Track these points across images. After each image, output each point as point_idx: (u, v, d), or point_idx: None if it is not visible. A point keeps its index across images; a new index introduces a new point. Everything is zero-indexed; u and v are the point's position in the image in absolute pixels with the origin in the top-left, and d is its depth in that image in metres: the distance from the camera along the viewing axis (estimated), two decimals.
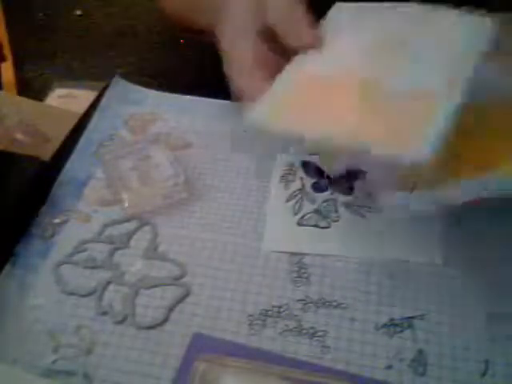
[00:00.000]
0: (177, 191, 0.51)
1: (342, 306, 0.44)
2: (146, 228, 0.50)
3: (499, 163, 0.40)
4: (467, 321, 0.43)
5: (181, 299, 0.45)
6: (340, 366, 0.41)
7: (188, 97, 0.62)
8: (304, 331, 0.43)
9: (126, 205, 0.51)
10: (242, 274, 0.46)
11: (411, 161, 0.35)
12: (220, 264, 0.47)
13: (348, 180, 0.53)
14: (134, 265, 0.47)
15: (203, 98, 0.62)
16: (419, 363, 0.41)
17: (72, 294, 0.45)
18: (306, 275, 0.46)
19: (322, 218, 0.50)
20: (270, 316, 0.44)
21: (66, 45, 0.73)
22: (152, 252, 0.48)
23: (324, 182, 0.53)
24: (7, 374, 0.40)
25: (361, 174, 0.54)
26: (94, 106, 0.61)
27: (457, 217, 0.50)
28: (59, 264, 0.47)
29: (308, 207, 0.51)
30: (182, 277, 0.46)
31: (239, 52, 0.45)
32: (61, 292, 0.45)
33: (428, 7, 0.44)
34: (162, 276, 0.46)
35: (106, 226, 0.50)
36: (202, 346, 0.41)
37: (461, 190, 0.39)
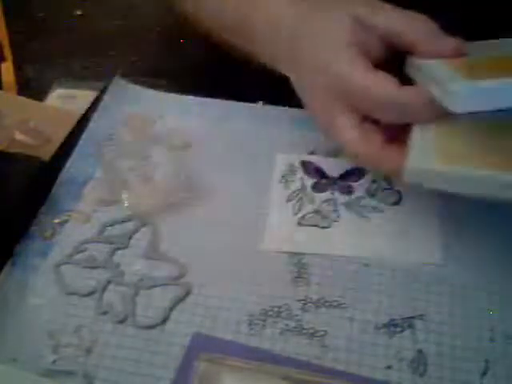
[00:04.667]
0: (177, 191, 0.51)
1: (342, 306, 0.44)
2: (146, 228, 0.50)
3: None
4: (467, 321, 0.43)
5: (181, 299, 0.45)
6: (340, 366, 0.41)
7: (188, 97, 0.62)
8: (304, 331, 0.43)
9: (126, 205, 0.51)
10: (242, 274, 0.46)
11: None
12: (220, 264, 0.47)
13: (348, 180, 0.53)
14: (133, 265, 0.47)
15: (203, 98, 0.62)
16: (419, 363, 0.41)
17: (72, 293, 0.45)
18: (305, 275, 0.46)
19: (322, 217, 0.50)
20: (270, 316, 0.44)
21: (66, 45, 0.73)
22: (152, 252, 0.48)
23: (324, 182, 0.54)
24: (7, 374, 0.40)
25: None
26: (94, 106, 0.61)
27: (457, 217, 0.50)
28: (59, 264, 0.47)
29: (308, 207, 0.51)
30: (181, 277, 0.46)
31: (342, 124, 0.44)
32: (61, 292, 0.45)
33: None
34: (162, 276, 0.46)
35: (105, 225, 0.50)
36: (202, 345, 0.41)
37: None
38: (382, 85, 0.42)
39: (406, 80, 0.43)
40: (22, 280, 0.46)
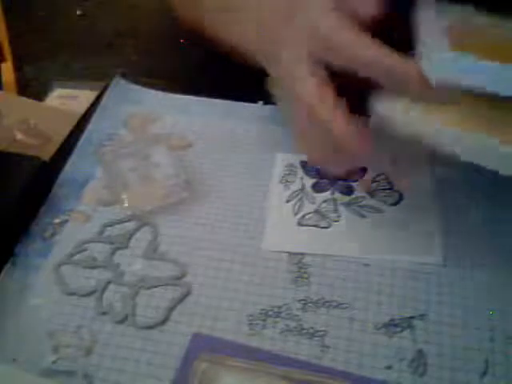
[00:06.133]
0: (177, 191, 0.51)
1: (342, 306, 0.44)
2: (146, 228, 0.50)
3: None
4: (467, 321, 0.43)
5: (181, 299, 0.45)
6: (340, 366, 0.41)
7: (188, 97, 0.62)
8: (304, 331, 0.43)
9: (126, 205, 0.51)
10: (241, 274, 0.46)
11: None
12: (220, 264, 0.47)
13: (348, 180, 0.53)
14: (133, 265, 0.47)
15: (203, 98, 0.62)
16: (419, 363, 0.41)
17: (72, 293, 0.45)
18: (306, 275, 0.46)
19: (322, 217, 0.50)
20: (270, 316, 0.44)
21: (65, 45, 0.73)
22: (152, 252, 0.48)
23: (324, 182, 0.54)
24: (7, 374, 0.40)
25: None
26: (93, 106, 0.61)
27: (457, 217, 0.50)
28: (59, 264, 0.47)
29: (308, 207, 0.51)
30: (182, 277, 0.46)
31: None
32: (61, 292, 0.45)
33: None
34: (162, 276, 0.46)
35: (105, 226, 0.50)
36: (202, 345, 0.41)
37: None
38: (372, 44, 0.40)
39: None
40: (21, 280, 0.46)
